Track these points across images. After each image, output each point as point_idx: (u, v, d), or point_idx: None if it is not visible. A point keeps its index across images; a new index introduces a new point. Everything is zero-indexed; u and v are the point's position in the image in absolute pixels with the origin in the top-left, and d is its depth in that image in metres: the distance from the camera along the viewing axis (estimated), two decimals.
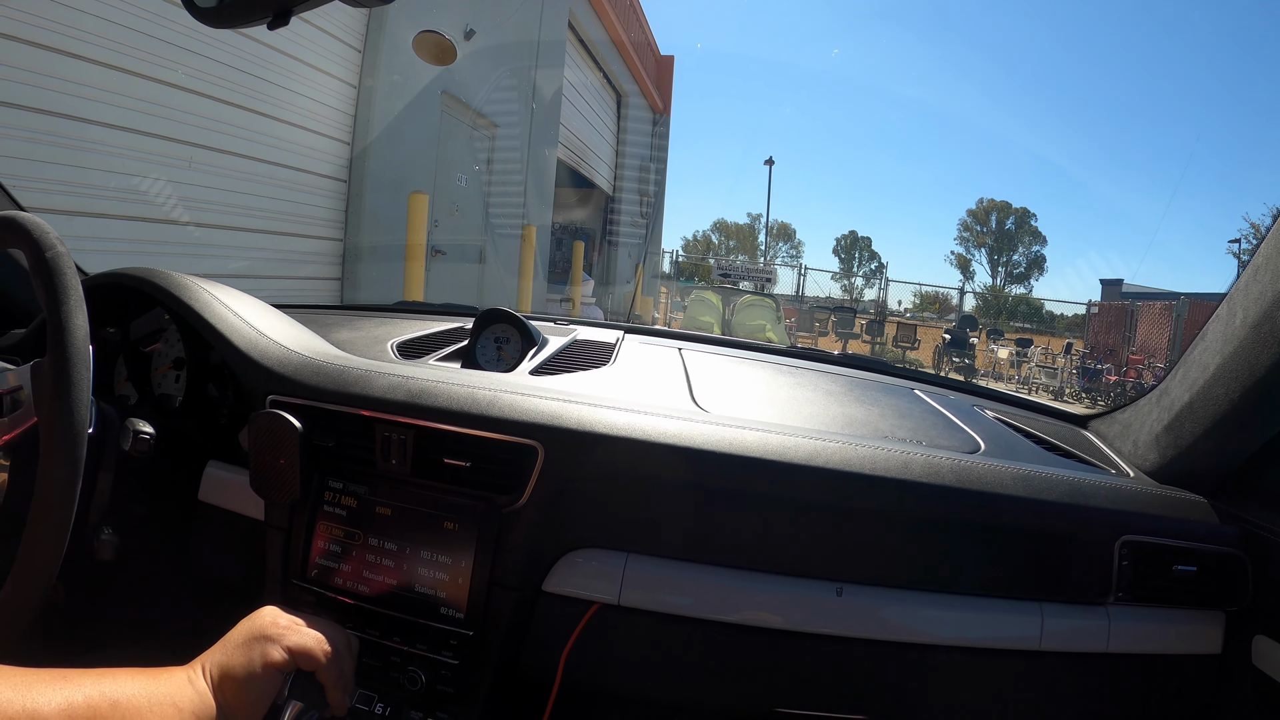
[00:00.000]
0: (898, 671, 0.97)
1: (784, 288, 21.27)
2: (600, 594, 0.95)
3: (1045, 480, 0.99)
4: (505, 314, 1.34)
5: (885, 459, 0.97)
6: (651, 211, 15.06)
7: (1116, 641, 0.98)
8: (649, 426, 0.96)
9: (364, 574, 0.96)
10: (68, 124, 3.38)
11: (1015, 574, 0.99)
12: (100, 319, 1.17)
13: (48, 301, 0.80)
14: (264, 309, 1.19)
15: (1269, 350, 0.90)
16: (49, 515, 0.76)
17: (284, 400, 1.01)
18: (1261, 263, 0.93)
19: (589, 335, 1.51)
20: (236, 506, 1.07)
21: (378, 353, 1.30)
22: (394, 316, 1.66)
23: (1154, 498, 1.04)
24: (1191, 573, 0.99)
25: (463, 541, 0.93)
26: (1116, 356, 14.84)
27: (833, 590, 0.95)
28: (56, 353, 0.78)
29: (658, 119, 15.96)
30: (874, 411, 1.24)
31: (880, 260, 52.91)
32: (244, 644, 0.76)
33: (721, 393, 1.22)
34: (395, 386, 0.99)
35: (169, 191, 4.02)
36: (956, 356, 14.42)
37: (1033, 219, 46.86)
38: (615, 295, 13.30)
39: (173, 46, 3.85)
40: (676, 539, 0.97)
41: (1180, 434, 1.08)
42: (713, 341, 1.68)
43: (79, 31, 3.36)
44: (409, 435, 0.96)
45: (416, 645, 0.93)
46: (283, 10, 0.70)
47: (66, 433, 0.77)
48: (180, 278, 1.13)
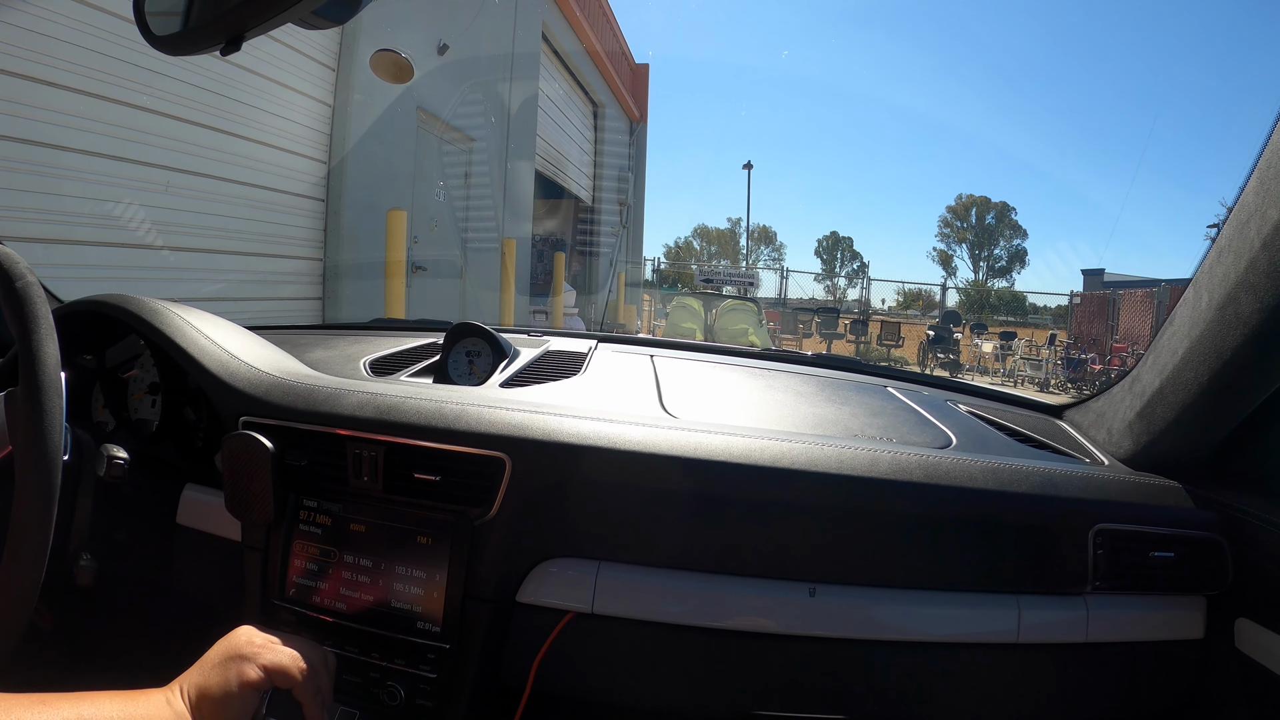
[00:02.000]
0: (875, 670, 0.98)
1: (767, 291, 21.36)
2: (573, 603, 0.95)
3: (1016, 472, 1.00)
4: (476, 328, 1.35)
5: (852, 458, 0.97)
6: (631, 219, 15.08)
7: (1096, 630, 0.99)
8: (614, 434, 0.97)
9: (341, 591, 0.97)
10: (42, 151, 3.37)
11: (990, 567, 1.00)
12: (76, 346, 1.17)
13: (18, 331, 0.80)
14: (237, 331, 1.19)
15: (1235, 332, 0.90)
16: (26, 543, 0.76)
17: (256, 421, 1.02)
18: (1225, 244, 0.93)
19: (562, 346, 1.52)
20: (214, 528, 1.07)
21: (350, 371, 1.31)
22: (369, 334, 1.66)
23: (1128, 485, 1.05)
24: (1169, 558, 1.00)
25: (436, 555, 0.94)
26: (1100, 345, 14.86)
27: (805, 591, 0.96)
28: (29, 382, 0.79)
29: (634, 127, 16.00)
30: (845, 410, 1.25)
31: (862, 260, 52.86)
32: (220, 664, 0.77)
33: (691, 398, 1.23)
34: (364, 404, 1.00)
35: (145, 216, 4.00)
36: (941, 352, 14.48)
37: (1012, 212, 46.99)
38: (597, 305, 13.29)
39: (145, 70, 3.83)
40: (647, 545, 0.98)
41: (1153, 420, 1.09)
42: (686, 347, 1.69)
43: (50, 58, 3.35)
44: (379, 452, 0.96)
45: (395, 660, 0.94)
46: (234, 37, 0.72)
47: (41, 460, 0.78)
48: (152, 303, 1.13)
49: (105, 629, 1.11)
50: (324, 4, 0.69)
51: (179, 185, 4.23)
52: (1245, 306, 0.88)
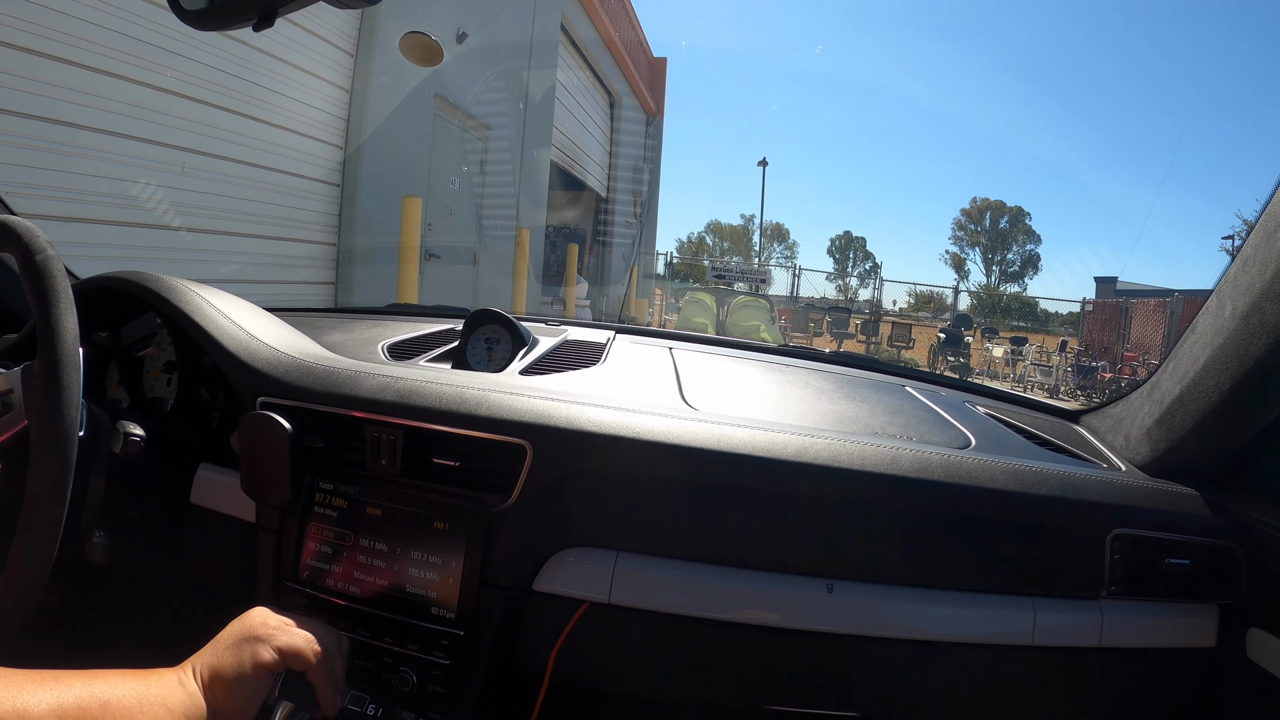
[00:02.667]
0: (889, 667, 0.97)
1: (779, 288, 21.34)
2: (590, 593, 0.95)
3: (1035, 474, 1.00)
4: (496, 315, 1.35)
5: (874, 454, 0.97)
6: (645, 213, 15.08)
7: (1110, 635, 0.98)
8: (637, 424, 0.96)
9: (355, 575, 0.96)
10: (59, 129, 3.39)
11: (1007, 568, 0.99)
12: (92, 323, 1.17)
13: (38, 305, 0.80)
14: (255, 311, 1.19)
15: (1259, 341, 0.90)
16: (40, 518, 0.76)
17: (274, 402, 1.01)
18: (1250, 254, 0.93)
19: (580, 335, 1.51)
20: (228, 509, 1.07)
21: (368, 354, 1.30)
22: (385, 319, 1.66)
23: (1145, 491, 1.04)
24: (1184, 566, 0.99)
25: (453, 541, 0.94)
26: (1111, 354, 14.82)
27: (823, 587, 0.95)
28: (46, 356, 0.79)
29: (650, 120, 15.98)
30: (864, 408, 1.24)
31: (875, 260, 53.02)
32: (234, 645, 0.76)
33: (711, 391, 1.23)
34: (384, 387, 0.99)
35: (161, 196, 4.02)
36: (952, 355, 14.46)
37: (1027, 218, 46.98)
38: (610, 297, 13.30)
39: (164, 51, 3.85)
40: (666, 537, 0.97)
41: (1171, 427, 1.08)
42: (704, 341, 1.68)
43: (70, 37, 3.37)
44: (398, 435, 0.96)
45: (408, 646, 0.93)
46: (267, 12, 0.71)
47: (57, 436, 0.78)
48: (171, 281, 1.13)
49: (116, 607, 1.11)
50: None
51: (195, 166, 4.25)
52: (1270, 316, 0.88)
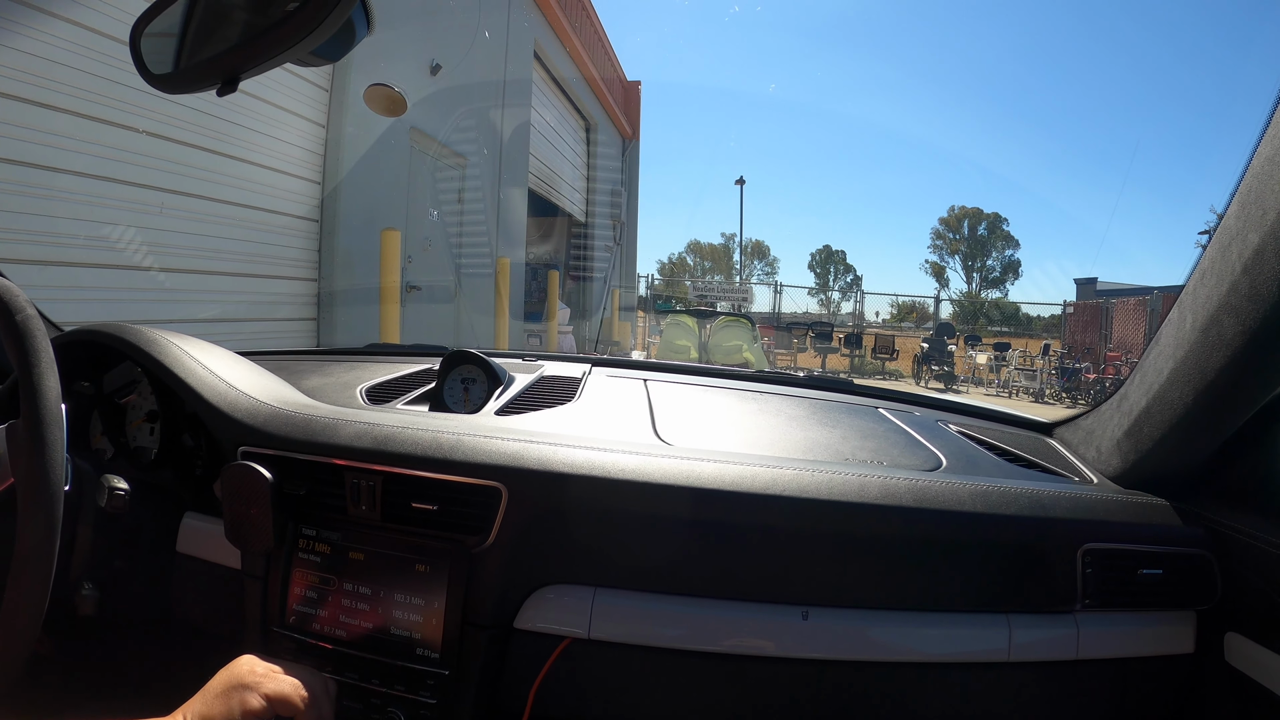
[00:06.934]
0: (869, 691, 0.99)
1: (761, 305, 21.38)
2: (570, 628, 0.96)
3: (1004, 494, 1.01)
4: (471, 355, 1.37)
5: (842, 484, 0.99)
6: (624, 236, 15.11)
7: (1086, 648, 1.00)
8: (608, 463, 0.98)
9: (341, 618, 0.98)
10: (36, 173, 3.38)
11: (981, 588, 1.01)
12: (73, 373, 1.18)
13: (19, 365, 0.82)
14: (233, 360, 1.20)
15: (1218, 354, 0.91)
16: (29, 573, 0.77)
17: (255, 451, 1.03)
18: (1207, 266, 0.94)
19: (556, 370, 1.53)
20: (214, 556, 1.08)
21: (347, 398, 1.32)
22: (364, 360, 1.67)
23: (1116, 504, 1.06)
24: (1157, 575, 1.01)
25: (435, 583, 0.95)
26: (1094, 354, 14.87)
27: (798, 614, 0.97)
28: (30, 415, 0.80)
29: (627, 144, 16.09)
30: (836, 434, 1.25)
31: (855, 273, 53.07)
32: (223, 693, 0.78)
33: (684, 424, 1.24)
34: (362, 434, 1.01)
35: (141, 238, 4.01)
36: (935, 365, 14.50)
37: (1004, 223, 47.21)
38: (591, 322, 13.30)
39: (140, 93, 3.84)
40: (643, 572, 0.99)
41: (1140, 438, 1.10)
42: (679, 370, 1.70)
43: (46, 80, 3.38)
44: (377, 481, 0.98)
45: (395, 687, 0.94)
46: (230, 78, 0.73)
47: (43, 492, 0.79)
48: (149, 332, 1.14)
49: (107, 656, 1.11)
50: (319, 45, 0.71)
51: (173, 206, 4.24)
52: (1228, 329, 0.89)
